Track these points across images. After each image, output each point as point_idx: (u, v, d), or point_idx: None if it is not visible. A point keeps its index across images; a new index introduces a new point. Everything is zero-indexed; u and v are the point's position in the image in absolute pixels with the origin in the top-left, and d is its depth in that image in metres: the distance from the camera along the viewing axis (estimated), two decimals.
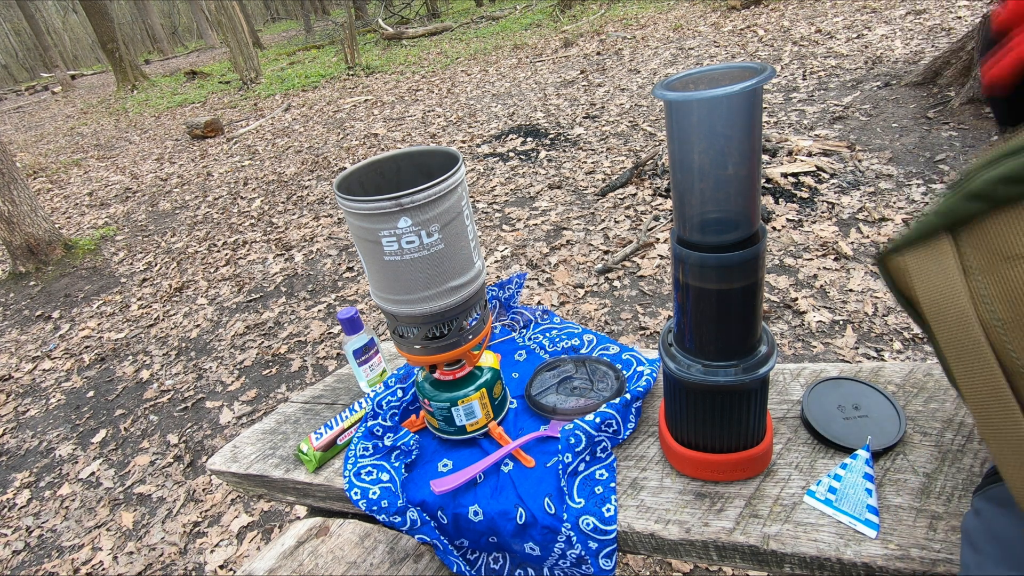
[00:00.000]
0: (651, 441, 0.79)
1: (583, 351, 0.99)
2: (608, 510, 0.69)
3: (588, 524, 0.69)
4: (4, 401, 2.64)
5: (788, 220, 2.56)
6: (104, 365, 2.76)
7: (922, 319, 0.46)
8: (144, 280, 3.57)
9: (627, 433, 0.79)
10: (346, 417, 0.91)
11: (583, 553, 0.69)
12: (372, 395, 0.90)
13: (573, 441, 0.74)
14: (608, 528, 0.68)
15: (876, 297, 2.02)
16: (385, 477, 0.81)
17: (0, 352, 3.08)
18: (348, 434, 0.89)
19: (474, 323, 0.76)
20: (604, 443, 0.76)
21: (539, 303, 2.43)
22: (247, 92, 9.69)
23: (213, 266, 3.54)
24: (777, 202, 2.71)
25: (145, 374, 2.61)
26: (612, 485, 0.72)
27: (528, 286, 2.56)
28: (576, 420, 0.77)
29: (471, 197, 3.58)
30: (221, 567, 1.64)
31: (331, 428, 0.89)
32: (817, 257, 2.29)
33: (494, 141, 4.58)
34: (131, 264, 3.85)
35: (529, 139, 4.41)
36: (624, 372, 0.90)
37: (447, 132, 5.19)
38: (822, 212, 2.57)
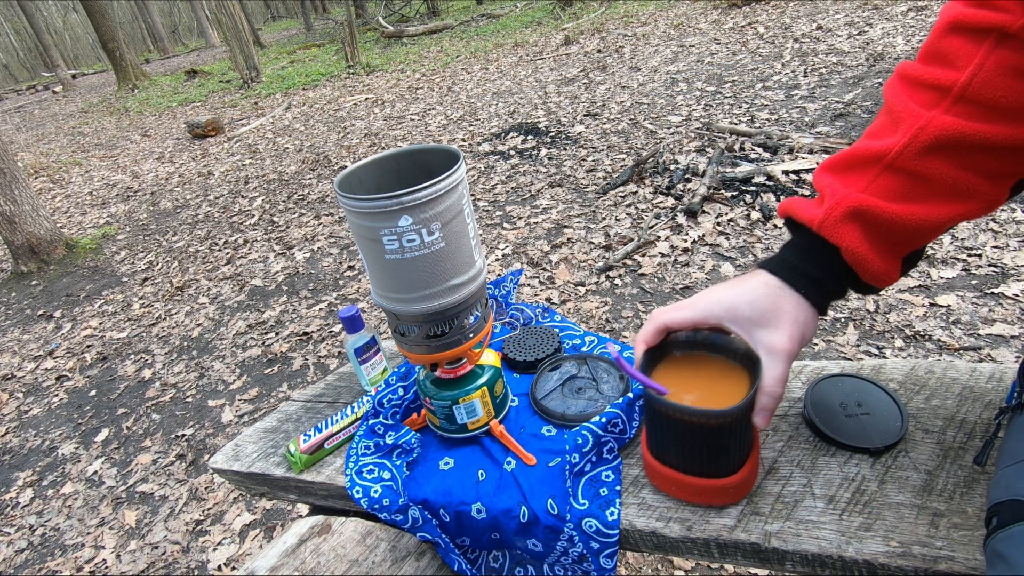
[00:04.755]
0: None
1: (584, 350, 0.99)
2: (612, 513, 0.68)
3: (591, 526, 0.69)
4: (7, 400, 2.65)
5: None
6: (106, 364, 2.77)
7: None
8: (146, 279, 3.57)
9: (633, 433, 0.79)
10: (336, 421, 0.90)
11: (584, 552, 0.69)
12: (373, 394, 0.90)
13: (580, 441, 0.74)
14: (611, 532, 0.68)
15: (877, 295, 2.01)
16: (387, 475, 0.81)
17: (3, 351, 3.08)
18: (337, 438, 0.89)
19: (475, 321, 0.76)
20: (610, 444, 0.76)
21: (545, 300, 2.43)
22: (248, 91, 9.69)
23: (214, 265, 3.55)
24: (778, 199, 2.70)
25: (147, 373, 2.62)
26: (617, 488, 0.72)
27: (529, 284, 2.56)
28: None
29: (472, 195, 3.58)
30: (224, 565, 1.64)
31: (320, 431, 0.88)
32: None
33: (495, 139, 4.57)
34: (132, 263, 3.86)
35: (530, 137, 4.40)
36: None
37: (448, 130, 5.19)
38: None
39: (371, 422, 0.87)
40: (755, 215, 2.64)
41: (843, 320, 1.95)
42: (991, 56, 0.43)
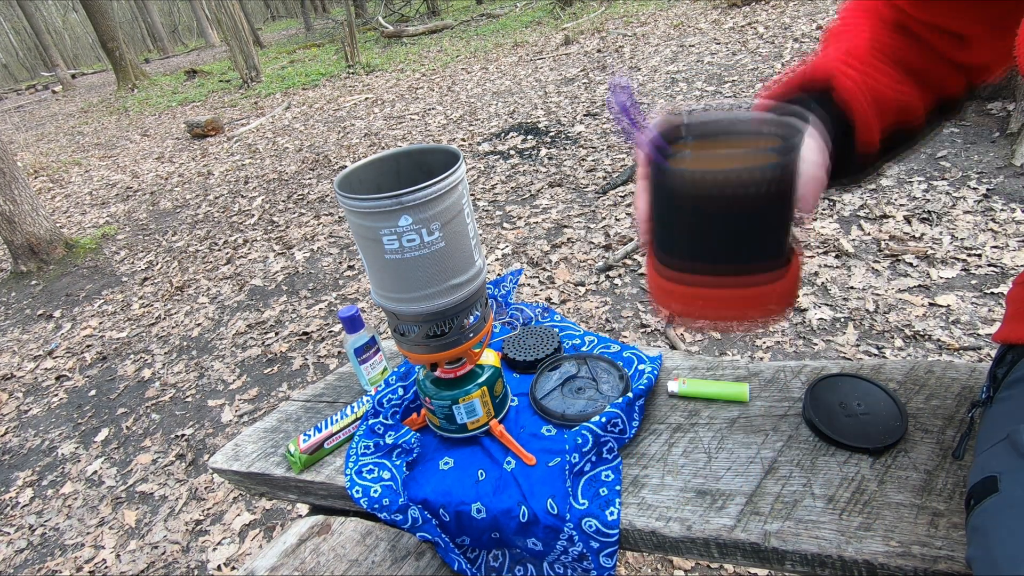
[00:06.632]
0: (652, 439, 0.79)
1: (584, 350, 0.99)
2: (611, 513, 0.69)
3: (591, 526, 0.69)
4: (7, 400, 2.65)
5: None
6: (106, 364, 2.77)
7: None
8: (145, 279, 3.57)
9: (632, 432, 0.79)
10: (336, 420, 0.90)
11: (584, 551, 0.69)
12: (373, 393, 0.90)
13: (580, 441, 0.74)
14: (611, 531, 0.68)
15: (877, 294, 2.01)
16: (386, 475, 0.81)
17: (2, 351, 3.08)
18: (337, 438, 0.89)
19: (475, 321, 0.76)
20: (610, 444, 0.76)
21: (545, 300, 2.43)
22: (247, 91, 9.69)
23: (214, 265, 3.54)
24: None
25: (147, 373, 2.62)
26: (617, 488, 0.72)
27: (529, 284, 2.56)
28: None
29: (472, 195, 3.58)
30: (224, 565, 1.64)
31: (320, 431, 0.89)
32: (818, 254, 2.28)
33: (494, 139, 4.57)
34: (132, 263, 3.86)
35: (529, 137, 4.40)
36: (626, 370, 0.90)
37: (447, 130, 5.19)
38: (823, 209, 2.57)
39: (371, 422, 0.87)
40: None
41: (843, 320, 1.95)
42: None
